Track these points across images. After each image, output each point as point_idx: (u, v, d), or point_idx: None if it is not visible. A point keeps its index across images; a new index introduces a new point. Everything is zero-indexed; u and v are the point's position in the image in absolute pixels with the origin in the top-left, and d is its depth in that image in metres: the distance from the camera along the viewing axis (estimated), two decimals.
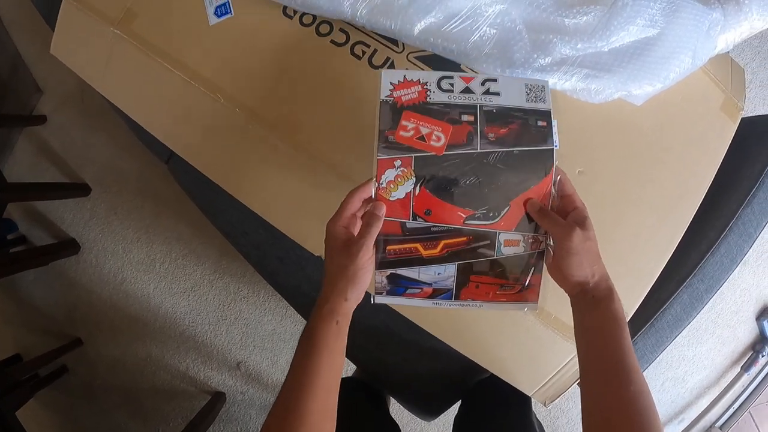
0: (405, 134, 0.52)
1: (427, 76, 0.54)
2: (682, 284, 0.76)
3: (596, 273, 0.50)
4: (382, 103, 0.53)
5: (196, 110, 0.68)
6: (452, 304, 0.57)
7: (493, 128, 0.53)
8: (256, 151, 0.68)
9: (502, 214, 0.54)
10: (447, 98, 0.53)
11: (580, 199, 0.53)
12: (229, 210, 0.80)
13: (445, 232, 0.54)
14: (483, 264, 0.55)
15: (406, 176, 0.52)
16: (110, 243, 1.55)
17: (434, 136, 0.52)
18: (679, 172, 0.68)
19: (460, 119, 0.53)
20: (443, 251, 0.54)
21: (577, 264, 0.50)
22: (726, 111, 0.71)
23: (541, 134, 0.53)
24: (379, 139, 0.52)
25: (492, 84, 0.54)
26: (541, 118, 0.54)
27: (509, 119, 0.53)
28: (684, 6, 0.60)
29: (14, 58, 1.55)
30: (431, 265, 0.55)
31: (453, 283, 0.56)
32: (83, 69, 0.76)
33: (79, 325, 1.60)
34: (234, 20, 0.67)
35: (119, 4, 0.70)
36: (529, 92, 0.54)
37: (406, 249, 0.54)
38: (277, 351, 1.54)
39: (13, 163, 1.57)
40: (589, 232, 0.50)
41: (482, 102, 0.54)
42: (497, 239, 0.54)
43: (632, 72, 0.57)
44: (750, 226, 0.77)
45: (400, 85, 0.53)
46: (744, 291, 1.52)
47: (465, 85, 0.54)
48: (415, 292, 0.56)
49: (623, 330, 0.48)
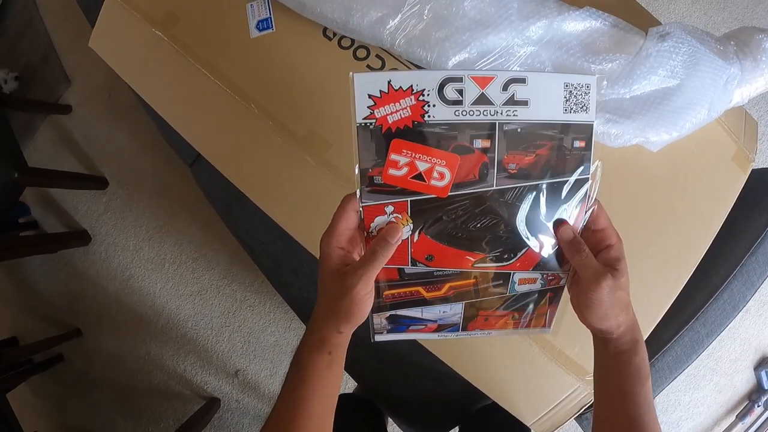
0: (395, 173, 0.40)
1: (424, 79, 0.39)
2: (684, 327, 0.77)
3: (622, 324, 0.44)
4: (360, 128, 0.39)
5: (229, 118, 0.71)
6: (459, 335, 0.51)
7: (515, 156, 0.41)
8: (283, 163, 0.70)
9: (519, 255, 0.45)
10: (453, 114, 0.39)
11: (616, 234, 0.45)
12: (248, 218, 0.81)
13: (451, 274, 0.46)
14: (493, 300, 0.48)
15: (401, 223, 0.42)
16: (121, 238, 1.57)
17: (436, 173, 0.40)
18: (688, 218, 0.70)
19: (471, 146, 0.40)
20: (448, 293, 0.47)
21: (602, 315, 0.44)
22: (737, 162, 0.73)
23: (577, 159, 0.42)
24: (361, 181, 0.41)
25: (519, 87, 0.40)
26: (580, 136, 0.42)
27: (538, 141, 0.41)
28: (704, 60, 0.63)
29: (46, 46, 1.59)
30: (435, 306, 0.48)
31: (460, 318, 0.49)
32: (120, 65, 0.77)
33: (81, 315, 1.61)
34: (274, 35, 0.70)
35: (163, 6, 0.73)
36: (569, 96, 0.41)
37: (406, 293, 0.46)
38: (277, 362, 1.54)
39: (33, 149, 1.60)
40: (621, 279, 0.43)
41: (504, 117, 0.40)
42: (511, 278, 0.47)
43: (651, 120, 0.60)
44: (754, 275, 0.78)
45: (385, 97, 0.38)
46: (744, 340, 1.52)
47: (480, 91, 0.39)
48: (419, 327, 0.49)
49: (644, 385, 0.44)
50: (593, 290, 0.42)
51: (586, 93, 0.41)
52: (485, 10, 0.56)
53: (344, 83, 0.39)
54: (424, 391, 0.84)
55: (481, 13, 0.56)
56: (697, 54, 0.63)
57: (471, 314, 0.49)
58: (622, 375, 0.45)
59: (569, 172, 0.42)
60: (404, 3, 0.57)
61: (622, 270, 0.43)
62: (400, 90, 0.38)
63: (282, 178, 0.70)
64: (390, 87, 0.38)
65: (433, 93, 0.39)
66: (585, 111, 0.41)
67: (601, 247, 0.45)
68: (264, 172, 0.71)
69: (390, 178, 0.40)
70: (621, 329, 0.44)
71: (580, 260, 0.44)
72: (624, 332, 0.45)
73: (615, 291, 0.43)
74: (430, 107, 0.39)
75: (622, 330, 0.45)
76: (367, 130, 0.39)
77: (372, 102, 0.38)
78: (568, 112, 0.41)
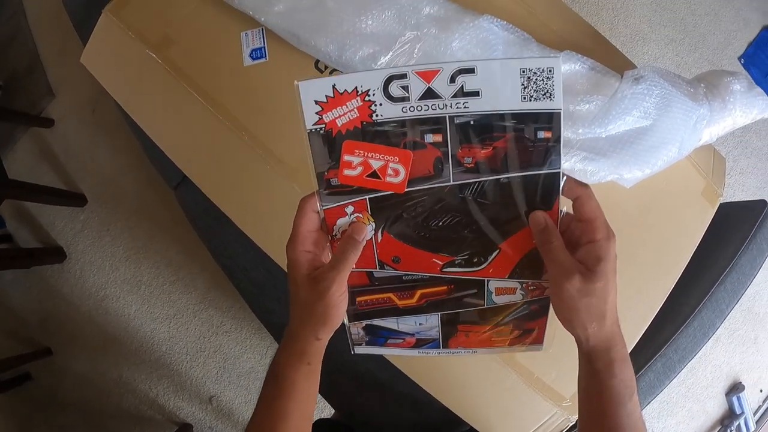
0: (351, 173, 0.40)
1: (367, 79, 0.38)
2: (656, 354, 0.79)
3: (591, 338, 0.39)
4: (311, 134, 0.39)
5: (219, 144, 0.72)
6: (441, 353, 0.49)
7: (470, 149, 0.40)
8: (271, 191, 0.70)
9: (489, 259, 0.43)
10: (401, 111, 0.39)
11: (606, 229, 0.39)
12: (232, 244, 0.81)
13: (421, 280, 0.45)
14: (471, 314, 0.46)
15: (362, 222, 0.42)
16: (98, 257, 1.54)
17: (390, 169, 0.40)
18: (659, 250, 0.73)
19: (423, 141, 0.39)
20: (421, 301, 0.45)
21: (565, 319, 0.40)
22: (706, 196, 0.76)
23: (542, 151, 0.39)
24: (319, 184, 0.41)
25: (468, 78, 0.38)
26: (544, 126, 0.39)
27: (494, 133, 0.39)
28: (675, 101, 0.66)
29: (32, 57, 1.58)
30: (409, 316, 0.46)
31: (438, 333, 0.47)
32: (111, 84, 0.76)
33: (52, 334, 1.56)
34: (267, 65, 0.71)
35: (158, 28, 0.73)
36: (528, 83, 0.38)
37: (378, 299, 0.46)
38: (252, 389, 1.52)
39: (13, 161, 1.57)
40: (595, 284, 0.37)
41: (454, 110, 0.38)
42: (486, 287, 0.44)
43: (625, 158, 0.63)
44: (723, 303, 0.81)
45: (331, 102, 0.38)
46: (715, 367, 1.56)
47: (426, 85, 0.38)
48: (397, 342, 0.48)
49: (625, 406, 0.40)
50: (557, 289, 0.39)
51: (548, 78, 0.37)
52: (472, 51, 0.59)
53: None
54: (403, 420, 0.83)
55: (468, 54, 0.59)
56: (668, 96, 0.66)
57: (450, 329, 0.47)
58: (601, 395, 0.41)
59: (536, 165, 0.40)
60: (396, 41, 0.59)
61: (600, 273, 0.37)
62: (345, 93, 0.38)
63: (270, 207, 0.71)
64: (335, 91, 0.38)
65: (379, 92, 0.38)
66: (549, 98, 0.38)
67: (583, 241, 0.39)
68: (252, 199, 0.72)
69: (346, 179, 0.40)
70: (590, 343, 0.40)
71: (547, 251, 0.40)
72: (596, 347, 0.40)
73: (583, 296, 0.38)
74: (376, 106, 0.39)
75: (592, 344, 0.40)
76: (318, 135, 0.39)
77: (319, 108, 0.39)
78: (528, 100, 0.38)
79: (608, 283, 0.38)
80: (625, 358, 0.41)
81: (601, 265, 0.38)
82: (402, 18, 0.61)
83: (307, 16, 0.63)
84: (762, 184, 1.61)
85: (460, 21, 0.61)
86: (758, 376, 1.58)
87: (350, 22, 0.61)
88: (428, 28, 0.60)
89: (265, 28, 0.70)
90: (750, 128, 1.60)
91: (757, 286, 1.55)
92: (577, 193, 0.40)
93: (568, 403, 0.68)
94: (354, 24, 0.61)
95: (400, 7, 0.62)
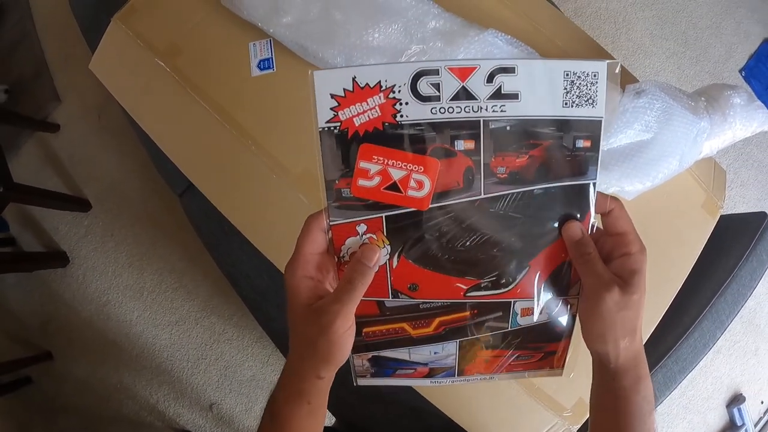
0: (366, 183, 0.35)
1: (394, 73, 0.33)
2: (656, 365, 0.80)
3: (622, 353, 0.37)
4: (323, 133, 0.34)
5: (226, 152, 0.72)
6: (455, 381, 0.43)
7: (505, 158, 0.35)
8: (277, 200, 0.71)
9: (518, 279, 0.39)
10: (430, 112, 0.34)
11: (639, 242, 0.38)
12: (235, 251, 0.82)
13: (441, 307, 0.39)
14: (493, 338, 0.41)
15: (376, 245, 0.36)
16: (101, 263, 1.54)
17: (413, 181, 0.34)
18: (659, 262, 0.73)
19: (452, 148, 0.34)
20: (439, 329, 0.40)
21: (598, 335, 0.37)
22: (707, 209, 0.77)
23: (581, 161, 0.36)
24: (327, 195, 0.35)
25: (507, 78, 0.33)
26: (584, 135, 0.35)
27: (531, 141, 0.35)
28: (676, 115, 0.67)
29: (39, 62, 1.58)
30: (424, 345, 0.41)
31: (455, 360, 0.42)
32: (119, 91, 0.77)
33: (53, 338, 1.55)
34: (275, 75, 0.72)
35: (167, 36, 0.74)
36: (571, 87, 0.34)
37: (389, 330, 0.40)
38: (253, 397, 1.51)
39: (18, 165, 1.57)
40: (632, 296, 0.36)
41: (489, 114, 0.34)
42: (512, 309, 0.40)
43: (626, 170, 0.64)
44: (723, 314, 0.81)
45: (349, 96, 0.33)
46: (716, 378, 1.56)
47: (460, 84, 0.33)
48: (408, 372, 0.43)
49: (645, 423, 0.39)
50: (596, 300, 0.36)
51: (592, 83, 0.34)
52: None
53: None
54: (403, 428, 0.84)
55: None
56: (669, 110, 0.67)
57: (468, 355, 0.42)
58: (624, 412, 0.39)
59: (572, 176, 0.36)
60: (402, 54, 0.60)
61: (636, 286, 0.36)
62: (366, 87, 0.33)
63: (275, 215, 0.71)
64: (355, 85, 0.33)
65: (405, 89, 0.33)
66: (591, 105, 0.34)
67: (616, 254, 0.38)
68: (257, 208, 0.72)
69: (360, 191, 0.35)
70: (620, 359, 0.38)
71: (584, 263, 0.37)
72: (625, 364, 0.38)
73: (620, 309, 0.36)
74: (402, 105, 0.33)
75: (621, 361, 0.38)
76: (332, 135, 0.34)
77: (336, 103, 0.33)
78: (569, 106, 0.34)
79: (642, 297, 0.37)
80: (648, 373, 0.40)
81: (636, 278, 0.37)
82: (408, 31, 0.62)
83: (314, 27, 0.64)
84: (763, 195, 1.62)
85: (465, 35, 0.62)
86: (759, 388, 1.58)
87: (357, 34, 0.62)
88: (434, 41, 0.61)
89: (273, 39, 0.71)
90: (751, 141, 1.61)
91: (757, 297, 1.56)
92: (609, 207, 0.38)
93: (569, 413, 0.68)
94: (361, 36, 0.62)
95: (407, 20, 0.63)
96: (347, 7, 0.63)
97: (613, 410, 0.40)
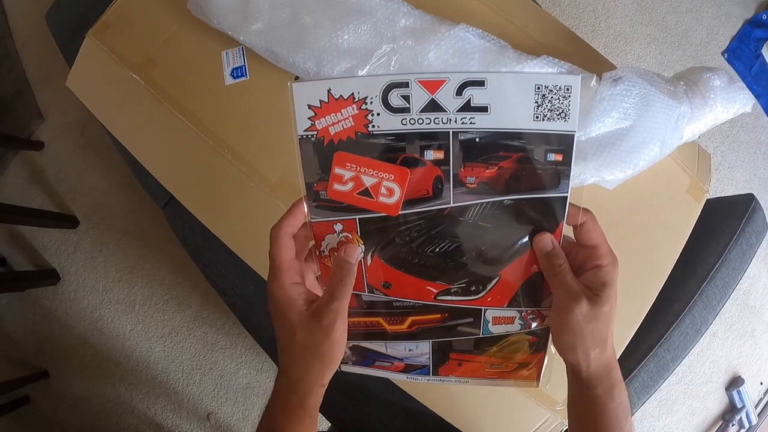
0: (341, 188, 0.37)
1: (366, 86, 0.35)
2: (648, 354, 0.79)
3: (593, 363, 0.38)
4: (302, 141, 0.36)
5: (203, 162, 0.72)
6: (430, 380, 0.45)
7: (474, 168, 0.36)
8: (256, 208, 0.71)
9: (489, 287, 0.40)
10: (400, 123, 0.35)
11: (610, 255, 0.38)
12: (221, 261, 0.82)
13: (413, 307, 0.41)
14: (465, 342, 0.43)
15: (351, 243, 0.39)
16: (91, 279, 1.54)
17: (383, 188, 0.36)
18: (646, 250, 0.73)
19: (422, 158, 0.36)
20: (412, 328, 0.42)
21: (568, 345, 0.38)
22: (692, 194, 0.77)
23: (552, 174, 0.36)
24: (309, 195, 0.38)
25: (476, 91, 0.34)
26: (555, 148, 0.36)
27: (500, 153, 0.36)
28: (654, 100, 0.67)
29: (20, 81, 1.57)
30: (399, 341, 0.43)
31: (428, 360, 0.44)
32: (96, 106, 0.77)
33: (48, 356, 1.55)
34: (248, 83, 0.72)
35: (141, 50, 0.74)
36: (542, 101, 0.34)
37: (366, 322, 0.42)
38: (249, 405, 1.51)
39: (4, 185, 1.57)
40: (602, 308, 0.37)
41: (458, 125, 0.35)
42: (483, 316, 0.41)
43: (606, 160, 0.63)
44: (714, 299, 0.81)
45: (325, 107, 0.35)
46: (713, 362, 1.56)
47: (429, 96, 0.35)
48: (385, 365, 0.45)
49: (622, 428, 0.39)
50: (564, 314, 0.37)
51: (564, 97, 0.34)
52: (449, 61, 0.59)
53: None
54: (396, 429, 0.83)
55: (445, 64, 0.60)
56: (648, 95, 0.67)
57: (441, 357, 0.44)
58: (600, 419, 0.39)
59: (543, 189, 0.37)
60: (372, 54, 0.60)
61: (606, 298, 0.37)
62: (340, 99, 0.35)
63: (254, 223, 0.71)
64: (330, 96, 0.35)
65: (377, 101, 0.35)
66: (563, 119, 0.35)
67: (588, 266, 0.38)
68: (237, 216, 0.72)
69: (335, 194, 0.37)
70: (591, 369, 0.39)
71: (554, 275, 0.38)
72: (597, 372, 0.39)
73: (589, 321, 0.37)
74: (374, 116, 0.35)
75: (593, 369, 0.39)
76: (309, 143, 0.36)
77: (312, 113, 0.35)
78: (541, 119, 0.35)
79: (612, 309, 0.38)
80: (622, 380, 0.40)
81: (606, 290, 0.37)
82: (378, 31, 0.62)
83: (284, 33, 0.64)
84: (751, 177, 1.61)
85: (436, 31, 0.61)
86: (757, 369, 1.58)
87: (327, 37, 0.62)
88: (404, 40, 0.61)
89: (245, 47, 0.70)
90: (737, 122, 1.61)
91: (751, 279, 1.56)
92: (581, 220, 0.38)
93: (560, 407, 0.68)
94: (331, 39, 0.62)
95: (376, 20, 0.62)
96: (316, 10, 0.63)
97: (588, 417, 0.40)
